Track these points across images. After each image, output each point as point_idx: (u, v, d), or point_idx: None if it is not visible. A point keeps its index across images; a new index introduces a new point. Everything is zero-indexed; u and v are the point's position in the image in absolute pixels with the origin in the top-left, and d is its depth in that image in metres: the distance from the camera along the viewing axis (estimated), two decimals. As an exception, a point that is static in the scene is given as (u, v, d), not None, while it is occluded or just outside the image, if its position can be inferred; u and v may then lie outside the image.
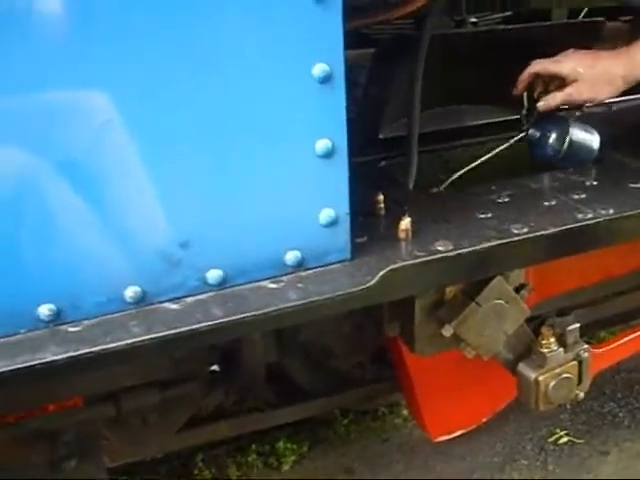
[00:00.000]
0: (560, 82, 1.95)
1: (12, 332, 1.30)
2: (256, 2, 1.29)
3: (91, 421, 2.23)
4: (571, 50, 1.96)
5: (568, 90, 1.92)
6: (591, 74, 1.91)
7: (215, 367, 2.42)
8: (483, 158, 1.95)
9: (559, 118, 2.02)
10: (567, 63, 1.93)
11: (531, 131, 2.02)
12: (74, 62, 1.22)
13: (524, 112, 2.04)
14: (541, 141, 2.01)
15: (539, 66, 1.96)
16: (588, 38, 2.19)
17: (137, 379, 2.15)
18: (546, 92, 1.98)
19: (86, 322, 1.34)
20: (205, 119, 1.33)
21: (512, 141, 2.01)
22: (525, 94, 2.02)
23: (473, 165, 1.93)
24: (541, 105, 1.97)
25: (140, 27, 1.24)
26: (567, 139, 1.96)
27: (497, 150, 1.99)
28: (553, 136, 1.98)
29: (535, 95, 2.01)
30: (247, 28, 1.30)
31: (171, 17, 1.25)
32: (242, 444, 2.92)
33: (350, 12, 1.39)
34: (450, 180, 1.90)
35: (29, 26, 1.18)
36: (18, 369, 1.24)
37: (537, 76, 1.98)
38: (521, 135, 2.03)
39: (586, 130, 2.00)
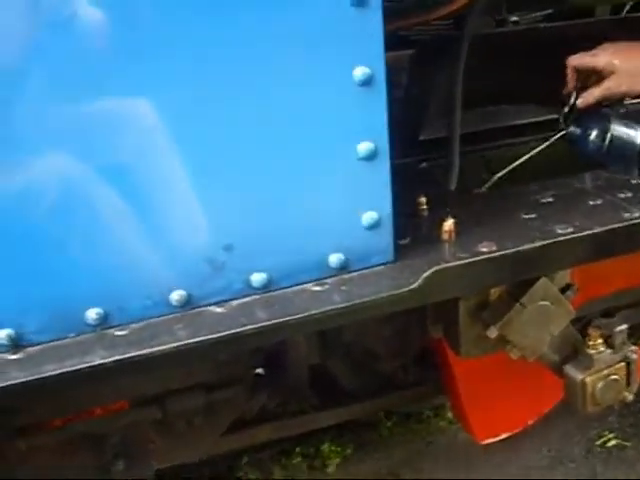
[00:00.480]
0: (598, 77, 1.92)
1: (61, 336, 1.33)
2: (296, 8, 1.30)
3: (137, 424, 2.25)
4: (607, 43, 1.93)
5: (606, 84, 1.90)
6: (628, 66, 1.88)
7: (259, 370, 2.43)
8: (524, 157, 1.94)
9: (600, 114, 1.99)
10: (603, 56, 1.90)
11: (572, 129, 1.99)
12: (124, 71, 1.24)
13: (565, 109, 2.01)
14: (582, 138, 1.98)
15: (576, 60, 1.93)
16: (632, 33, 2.15)
17: (182, 382, 2.17)
18: (585, 88, 1.95)
19: (133, 325, 1.36)
20: (248, 124, 1.34)
21: (552, 139, 1.99)
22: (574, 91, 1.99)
23: (514, 165, 1.92)
24: (580, 102, 1.94)
25: (186, 35, 1.26)
26: (608, 135, 1.93)
27: (538, 149, 1.97)
28: (594, 133, 1.95)
29: (575, 91, 1.98)
30: (287, 33, 1.31)
31: (215, 25, 1.27)
32: (286, 447, 2.93)
33: (390, 14, 1.39)
34: (493, 180, 1.88)
35: (79, 35, 1.21)
36: (67, 372, 1.26)
37: (576, 71, 1.96)
38: (561, 133, 2.00)
39: (628, 125, 1.97)
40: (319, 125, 1.37)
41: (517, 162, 1.91)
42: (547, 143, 1.97)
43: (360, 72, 1.35)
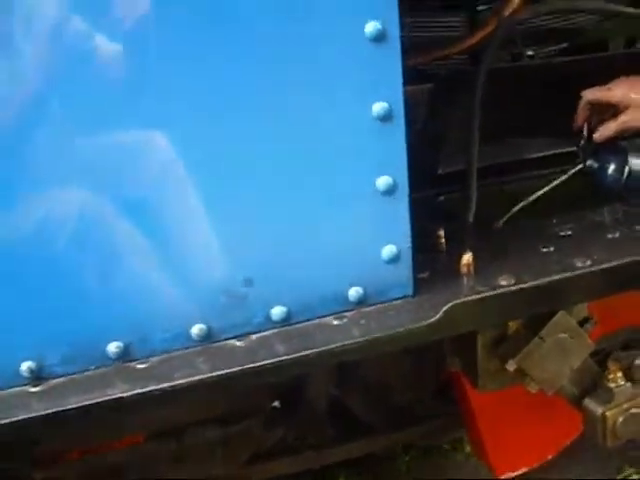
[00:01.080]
0: (614, 110, 1.93)
1: (82, 369, 1.33)
2: (314, 43, 1.32)
3: (154, 456, 2.25)
4: (623, 77, 1.94)
5: (622, 118, 1.90)
6: None
7: (276, 403, 2.42)
8: (542, 190, 1.94)
9: (617, 147, 1.99)
10: (618, 90, 1.91)
11: (589, 162, 1.99)
12: (141, 103, 1.26)
13: (582, 143, 2.02)
14: (601, 172, 1.98)
15: (590, 95, 1.95)
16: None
17: (200, 415, 2.17)
18: (602, 122, 1.96)
19: (153, 359, 1.36)
20: (267, 158, 1.35)
21: (570, 173, 1.99)
22: (585, 125, 2.00)
23: (533, 198, 1.92)
24: (596, 135, 1.95)
25: (204, 69, 1.28)
26: (626, 169, 1.93)
27: (556, 182, 1.97)
28: (612, 166, 1.96)
29: (592, 125, 1.99)
30: (306, 69, 1.32)
31: (233, 62, 1.29)
32: (303, 480, 2.91)
33: (408, 49, 1.41)
34: (510, 213, 1.88)
35: (96, 69, 1.23)
36: (88, 405, 1.27)
37: (592, 105, 1.97)
38: (579, 167, 2.01)
39: None
40: (338, 160, 1.38)
41: (536, 195, 1.91)
42: (565, 177, 1.97)
43: (379, 107, 1.36)
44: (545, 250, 1.68)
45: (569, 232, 1.76)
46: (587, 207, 1.92)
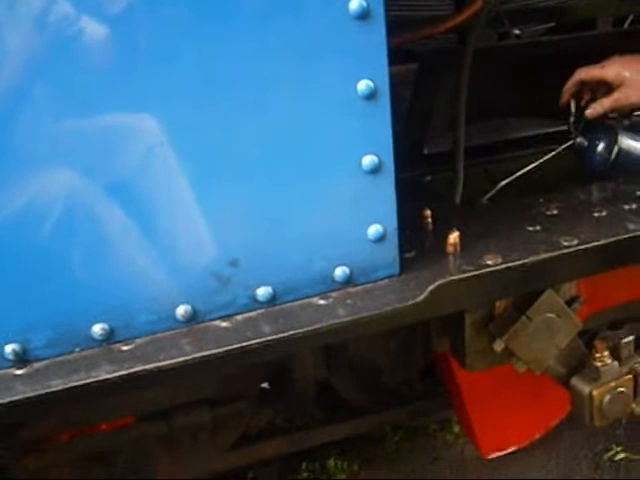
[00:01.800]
0: (607, 89, 1.93)
1: (67, 351, 1.33)
2: (298, 21, 1.30)
3: (143, 439, 2.25)
4: (616, 55, 1.94)
5: (615, 95, 1.91)
6: (637, 78, 1.89)
7: (265, 385, 2.43)
8: (530, 166, 1.94)
9: (607, 126, 1.99)
10: (612, 68, 1.91)
11: (579, 140, 2.00)
12: (126, 88, 1.25)
13: (572, 120, 2.02)
14: (589, 150, 1.99)
15: (584, 73, 1.95)
16: (635, 46, 2.16)
17: (188, 397, 2.17)
18: (593, 100, 1.96)
19: (138, 340, 1.36)
20: (251, 138, 1.34)
21: (559, 149, 2.00)
22: (573, 102, 2.00)
23: (520, 173, 1.92)
24: (589, 112, 1.95)
25: (187, 51, 1.26)
26: (615, 148, 1.94)
27: (544, 158, 1.97)
28: (601, 145, 1.96)
29: (583, 103, 1.99)
30: (290, 47, 1.31)
31: (216, 40, 1.27)
32: (293, 462, 2.92)
33: (393, 28, 1.39)
34: (496, 189, 1.88)
35: (82, 52, 1.21)
36: (73, 387, 1.27)
37: (583, 84, 1.97)
38: (569, 144, 2.01)
39: (635, 139, 1.98)
40: (323, 139, 1.37)
41: (522, 170, 1.91)
42: (554, 153, 1.97)
43: (364, 85, 1.35)
44: (531, 229, 1.67)
45: (555, 211, 1.76)
46: (574, 186, 1.92)
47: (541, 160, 1.95)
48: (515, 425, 2.47)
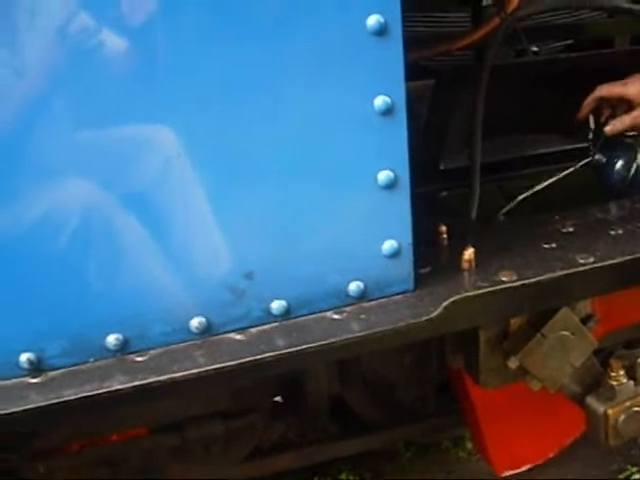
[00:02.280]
0: (627, 106, 1.92)
1: (81, 361, 1.34)
2: (316, 37, 1.31)
3: (155, 450, 2.25)
4: (638, 74, 1.93)
5: (636, 113, 1.90)
6: None
7: (278, 398, 2.42)
8: (548, 181, 1.93)
9: (626, 144, 1.98)
10: (634, 86, 1.91)
11: (597, 156, 1.99)
12: (143, 100, 1.26)
13: (590, 136, 2.01)
14: (607, 167, 1.98)
15: (605, 90, 1.94)
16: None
17: (201, 409, 2.17)
18: (613, 117, 1.96)
19: (152, 352, 1.36)
20: (268, 152, 1.35)
21: (578, 165, 1.99)
22: (592, 118, 2.00)
23: (538, 188, 1.91)
24: (608, 129, 1.94)
25: (206, 63, 1.27)
26: (634, 165, 1.93)
27: (563, 174, 1.96)
28: (620, 162, 1.95)
29: (602, 119, 1.99)
30: (307, 63, 1.32)
31: (235, 55, 1.28)
32: (304, 476, 2.90)
33: (411, 44, 1.40)
34: (513, 204, 1.88)
35: (100, 64, 1.22)
36: (86, 397, 1.27)
37: (603, 100, 1.96)
38: (587, 160, 2.00)
39: None
40: (339, 153, 1.37)
41: (540, 186, 1.91)
42: (571, 169, 1.97)
43: (381, 101, 1.35)
44: (547, 246, 1.67)
45: (571, 228, 1.75)
46: (589, 204, 1.91)
47: (560, 176, 1.95)
48: (529, 443, 2.46)
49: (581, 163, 1.99)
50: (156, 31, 1.24)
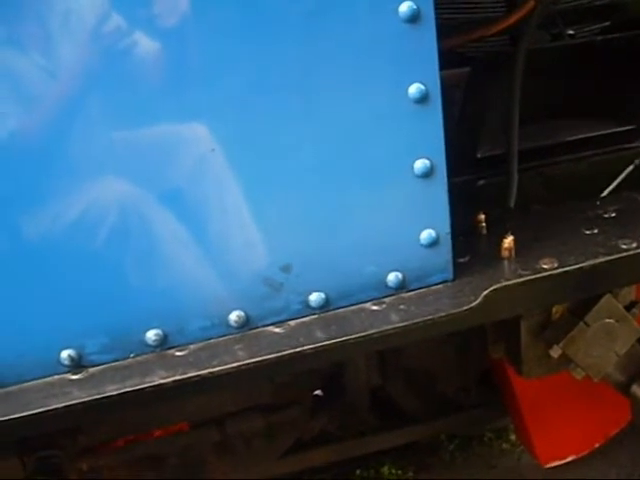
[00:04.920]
0: None
1: (122, 357, 1.35)
2: (349, 26, 1.30)
3: (197, 445, 2.26)
4: None
5: None
6: None
7: (318, 392, 2.42)
8: (623, 175, 1.88)
9: None
10: None
11: None
12: (180, 98, 1.26)
13: None
14: None
15: None
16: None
17: (242, 404, 2.18)
18: None
19: (192, 346, 1.37)
20: (304, 144, 1.34)
21: (637, 162, 1.93)
22: None
23: (615, 183, 1.88)
24: None
25: (238, 60, 1.27)
26: None
27: (631, 168, 1.91)
28: None
29: None
30: (341, 52, 1.31)
31: (267, 49, 1.28)
32: (346, 469, 2.90)
33: (445, 30, 1.38)
34: (614, 184, 1.84)
35: (135, 64, 1.23)
36: (127, 392, 1.28)
37: None
38: None
39: None
40: (374, 143, 1.36)
41: (621, 176, 1.86)
42: (632, 167, 1.91)
43: (415, 89, 1.34)
44: (589, 232, 1.64)
45: (613, 214, 1.72)
46: (631, 189, 1.87)
47: (631, 167, 1.89)
48: (574, 434, 2.42)
49: None
50: (189, 31, 1.24)
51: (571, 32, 2.26)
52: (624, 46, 2.11)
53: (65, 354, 1.31)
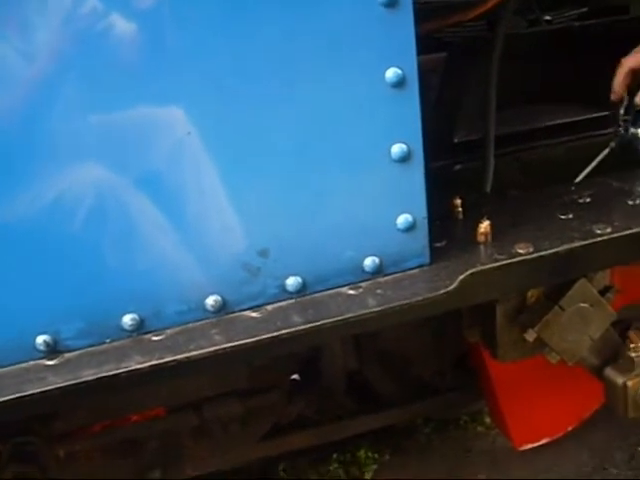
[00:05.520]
0: None
1: (98, 342, 1.34)
2: (325, 10, 1.30)
3: (174, 430, 2.26)
4: None
5: None
6: None
7: (295, 376, 2.42)
8: (598, 159, 1.89)
9: None
10: None
11: (632, 130, 1.94)
12: (156, 81, 1.25)
13: (622, 112, 1.95)
14: (636, 138, 1.93)
15: (631, 61, 1.88)
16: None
17: (219, 389, 2.17)
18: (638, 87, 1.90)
19: (168, 331, 1.36)
20: (279, 128, 1.34)
21: (612, 145, 1.94)
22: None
23: (591, 167, 1.88)
24: (639, 99, 1.89)
25: (216, 43, 1.26)
26: None
27: (606, 152, 1.91)
28: None
29: (628, 92, 1.93)
30: (317, 36, 1.31)
31: (244, 32, 1.27)
32: (323, 453, 2.92)
33: (422, 15, 1.38)
34: (586, 172, 1.85)
35: (112, 47, 1.22)
36: (104, 378, 1.27)
37: (635, 72, 1.90)
38: (621, 134, 1.95)
39: None
40: (352, 127, 1.36)
41: (597, 159, 1.87)
42: (613, 143, 1.92)
43: (392, 73, 1.34)
44: (564, 217, 1.65)
45: (588, 199, 1.73)
46: (606, 174, 1.88)
47: (605, 152, 1.90)
48: (548, 416, 2.45)
49: (615, 141, 1.93)
50: (166, 12, 1.23)
51: (548, 18, 2.27)
52: (601, 32, 2.13)
53: (41, 339, 1.30)
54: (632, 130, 1.94)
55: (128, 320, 1.34)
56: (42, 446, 1.97)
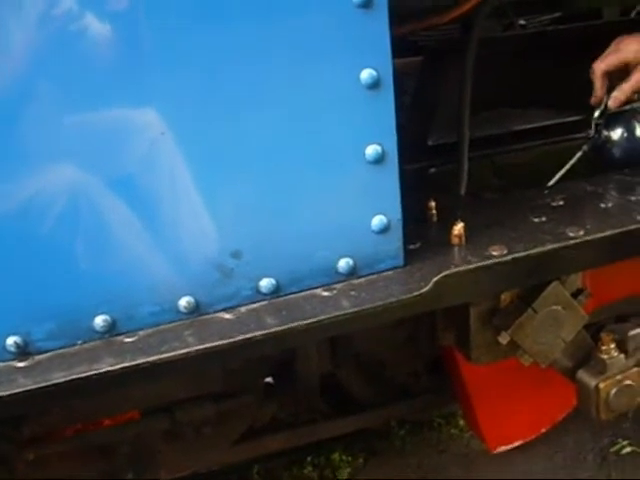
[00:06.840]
0: (624, 74, 1.87)
1: (69, 343, 1.32)
2: (300, 10, 1.29)
3: (147, 434, 2.24)
4: (623, 36, 1.88)
5: (635, 76, 1.85)
6: None
7: (269, 379, 2.42)
8: (570, 163, 1.90)
9: (624, 115, 1.94)
10: (628, 47, 1.85)
11: (605, 133, 1.95)
12: (130, 83, 1.24)
13: (596, 115, 1.96)
14: (610, 141, 1.94)
15: (604, 63, 1.88)
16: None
17: (192, 391, 2.16)
18: (612, 89, 1.91)
19: (141, 332, 1.35)
20: (253, 129, 1.33)
21: (585, 148, 1.95)
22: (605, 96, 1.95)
23: (564, 170, 1.89)
24: (611, 102, 1.89)
25: (189, 46, 1.26)
26: (634, 135, 1.90)
27: (579, 155, 1.93)
28: (623, 133, 1.92)
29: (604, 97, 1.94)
30: (292, 37, 1.30)
31: (217, 34, 1.26)
32: (297, 456, 2.91)
33: (397, 17, 1.38)
34: (559, 175, 1.86)
35: (85, 49, 1.21)
36: (75, 380, 1.26)
37: (610, 74, 1.90)
38: (594, 138, 1.95)
39: None
40: (326, 128, 1.36)
41: (570, 162, 1.88)
42: (586, 147, 1.93)
43: (367, 74, 1.34)
44: (537, 220, 1.66)
45: (561, 202, 1.74)
46: (579, 177, 1.90)
47: (578, 155, 1.91)
48: (521, 419, 2.46)
49: (589, 143, 1.95)
50: (139, 13, 1.22)
51: (522, 22, 2.29)
52: (574, 37, 2.15)
53: (11, 341, 1.28)
54: (605, 133, 1.96)
55: (100, 321, 1.32)
56: (12, 450, 1.94)
